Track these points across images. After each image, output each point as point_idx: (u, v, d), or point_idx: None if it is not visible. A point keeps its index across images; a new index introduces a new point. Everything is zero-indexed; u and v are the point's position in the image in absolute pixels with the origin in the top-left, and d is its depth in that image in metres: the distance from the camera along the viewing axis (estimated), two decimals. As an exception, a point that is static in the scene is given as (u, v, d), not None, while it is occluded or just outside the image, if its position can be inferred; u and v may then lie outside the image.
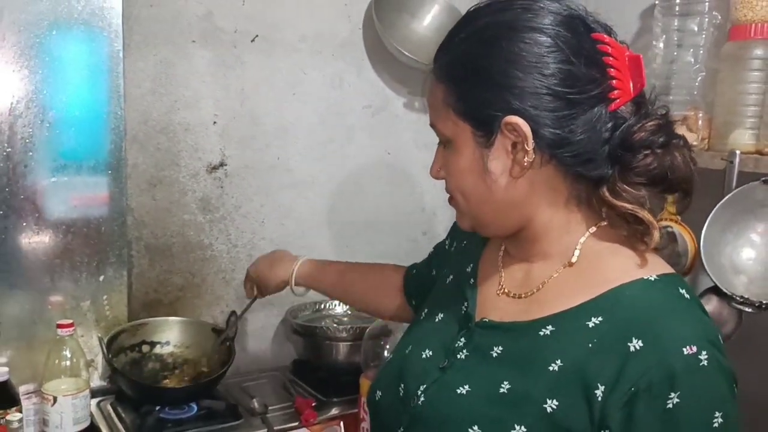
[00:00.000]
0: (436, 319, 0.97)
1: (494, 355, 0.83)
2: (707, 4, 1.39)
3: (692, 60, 1.40)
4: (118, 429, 1.44)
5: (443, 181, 0.89)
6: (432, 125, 0.88)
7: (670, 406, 0.70)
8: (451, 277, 1.02)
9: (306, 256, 1.42)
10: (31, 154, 1.44)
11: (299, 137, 1.80)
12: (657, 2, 1.46)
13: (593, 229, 0.84)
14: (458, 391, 0.83)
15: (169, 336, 1.65)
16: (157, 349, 1.63)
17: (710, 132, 1.40)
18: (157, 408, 1.46)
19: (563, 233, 0.84)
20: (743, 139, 1.34)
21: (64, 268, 1.51)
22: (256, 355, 1.82)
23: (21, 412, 1.34)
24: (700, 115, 1.39)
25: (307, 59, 1.77)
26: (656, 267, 0.81)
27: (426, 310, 1.02)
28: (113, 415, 1.50)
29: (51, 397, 1.35)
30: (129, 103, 1.55)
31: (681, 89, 1.42)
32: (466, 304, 0.92)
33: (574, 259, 0.83)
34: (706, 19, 1.39)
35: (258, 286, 1.48)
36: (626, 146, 0.78)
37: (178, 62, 1.61)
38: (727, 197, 1.24)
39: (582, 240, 0.84)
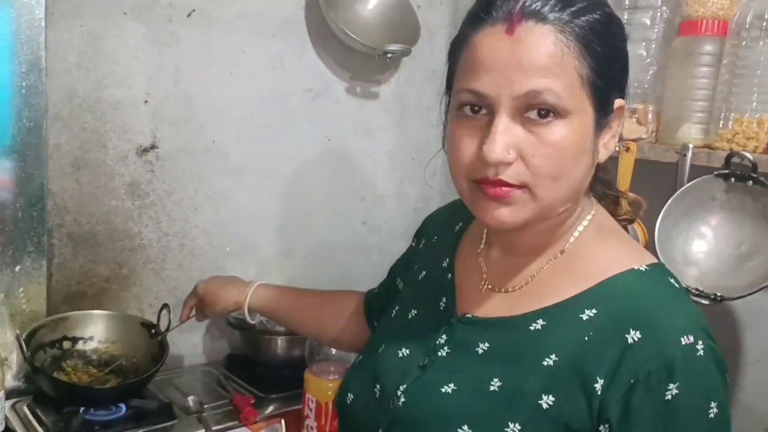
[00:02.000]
0: (410, 316, 0.93)
1: (480, 351, 0.81)
2: (659, -3, 1.40)
3: (644, 53, 1.40)
4: (39, 433, 1.32)
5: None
6: (536, 90, 0.71)
7: (669, 397, 0.69)
8: (424, 272, 0.98)
9: (260, 281, 1.36)
10: (-64, 130, 1.30)
11: (236, 120, 1.70)
12: (609, -6, 1.46)
13: (589, 218, 0.83)
14: (443, 390, 0.79)
15: (94, 331, 1.52)
16: (80, 345, 1.50)
17: (659, 125, 1.42)
18: (82, 409, 1.34)
19: (570, 223, 0.83)
20: (691, 133, 1.36)
21: (-25, 257, 1.37)
22: (187, 350, 1.72)
23: (-74, 417, 1.22)
24: (650, 108, 1.41)
25: (247, 38, 1.67)
26: (643, 257, 0.81)
27: (397, 308, 0.97)
28: (31, 417, 1.37)
29: (-40, 400, 1.23)
30: (51, 77, 1.41)
31: (632, 82, 1.43)
32: (444, 299, 0.89)
33: (566, 248, 0.82)
34: (659, 14, 1.40)
35: (203, 304, 1.41)
36: None
37: (107, 35, 1.48)
38: (680, 190, 1.26)
39: (580, 229, 0.82)
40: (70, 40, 1.45)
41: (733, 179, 1.21)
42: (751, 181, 1.19)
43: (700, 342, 0.71)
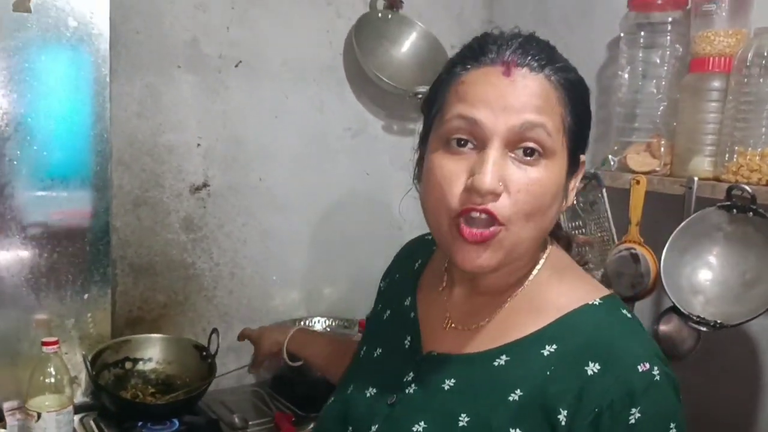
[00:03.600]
0: (375, 355, 0.96)
1: (446, 388, 0.83)
2: (669, 37, 1.47)
3: (655, 90, 1.47)
4: (102, 444, 1.47)
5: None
6: (531, 123, 0.76)
7: (633, 421, 0.74)
8: (389, 312, 1.01)
9: (299, 326, 1.49)
10: (18, 175, 1.47)
11: (281, 159, 1.85)
12: (622, 35, 1.54)
13: (545, 256, 0.88)
14: (414, 429, 0.82)
15: (152, 353, 1.68)
16: (140, 366, 1.66)
17: (672, 158, 1.47)
18: (140, 424, 1.49)
19: (530, 262, 0.87)
20: (702, 165, 1.41)
21: (50, 286, 1.54)
22: (236, 372, 1.85)
23: (5, 428, 1.37)
24: (663, 142, 1.46)
25: (290, 84, 1.82)
26: (597, 290, 0.85)
27: (363, 348, 1.00)
28: (96, 430, 1.52)
29: (35, 414, 1.37)
30: (115, 125, 1.59)
31: (645, 117, 1.49)
32: (409, 338, 0.92)
33: (525, 285, 0.86)
34: (668, 52, 1.46)
35: (254, 346, 1.53)
36: None
37: (163, 87, 1.66)
38: (685, 221, 1.31)
39: (538, 267, 0.87)
40: (131, 92, 1.63)
41: (734, 210, 1.26)
42: (751, 213, 1.23)
43: (656, 367, 0.76)
